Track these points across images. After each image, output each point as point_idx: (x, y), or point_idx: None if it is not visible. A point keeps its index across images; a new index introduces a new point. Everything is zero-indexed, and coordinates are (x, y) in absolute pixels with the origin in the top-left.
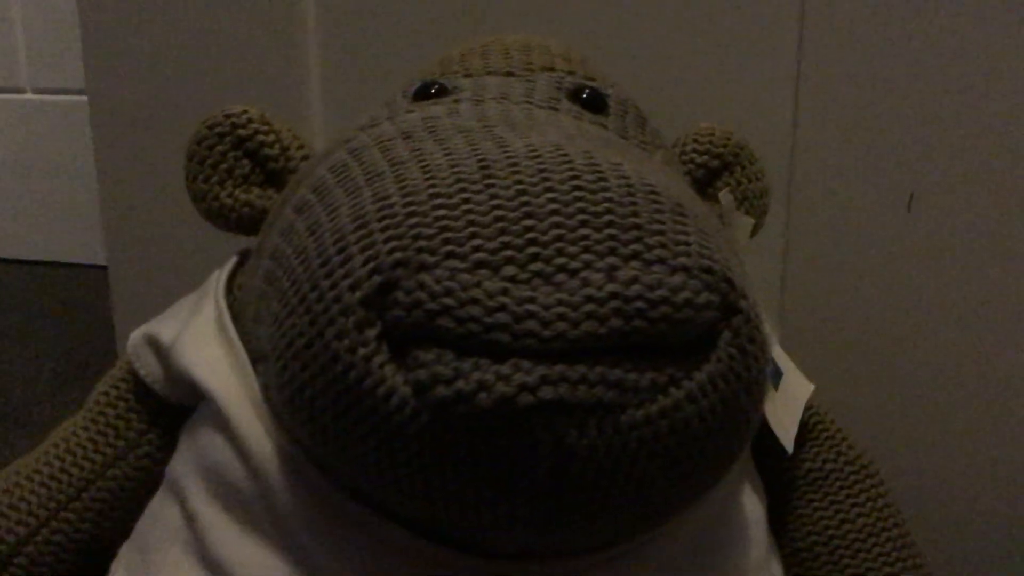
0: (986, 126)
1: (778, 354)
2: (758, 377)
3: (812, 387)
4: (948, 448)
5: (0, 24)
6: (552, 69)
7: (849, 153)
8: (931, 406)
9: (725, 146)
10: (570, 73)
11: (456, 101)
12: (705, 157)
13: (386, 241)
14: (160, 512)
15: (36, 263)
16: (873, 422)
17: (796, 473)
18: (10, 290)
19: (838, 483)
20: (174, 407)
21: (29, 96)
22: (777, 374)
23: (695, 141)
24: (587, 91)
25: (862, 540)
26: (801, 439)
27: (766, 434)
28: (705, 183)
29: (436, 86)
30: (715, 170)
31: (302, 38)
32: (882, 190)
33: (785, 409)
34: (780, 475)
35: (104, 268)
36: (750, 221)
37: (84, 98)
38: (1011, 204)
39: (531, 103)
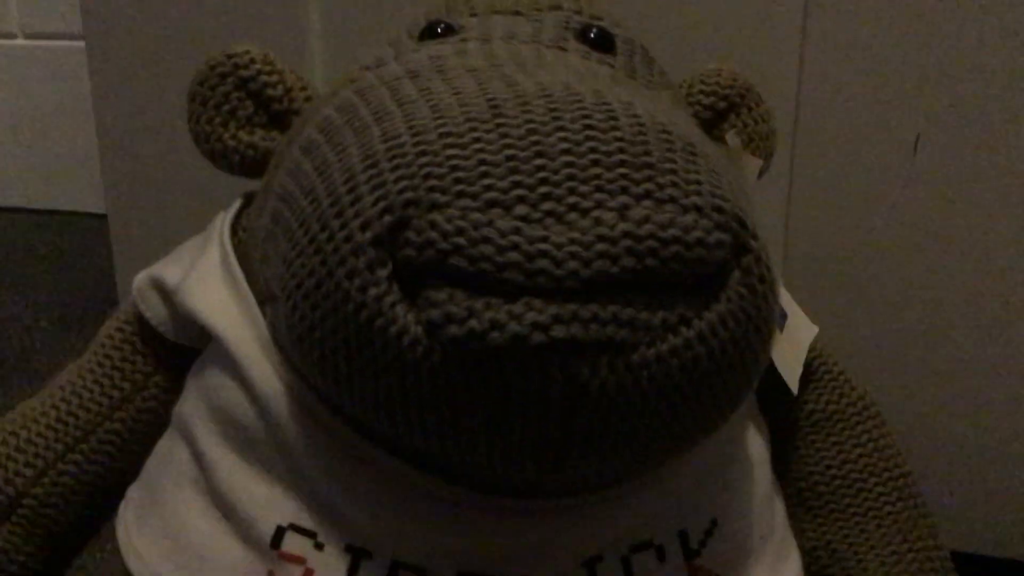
0: (991, 71)
1: (783, 297)
2: (767, 316)
3: (816, 329)
4: (951, 389)
5: None
6: (559, 8)
7: (854, 96)
8: (934, 348)
9: (731, 87)
10: (577, 12)
11: (463, 40)
12: (712, 98)
13: (396, 180)
14: (169, 453)
15: (32, 211)
16: (876, 365)
17: (799, 414)
18: (6, 238)
19: (840, 424)
20: (180, 349)
21: (20, 42)
22: (782, 316)
23: (702, 82)
24: (595, 30)
25: (863, 479)
26: (805, 381)
27: (771, 376)
28: (712, 124)
29: (442, 25)
30: (722, 111)
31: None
32: (888, 133)
33: (790, 351)
34: (784, 416)
35: (101, 216)
36: (757, 162)
37: (77, 43)
38: (1017, 148)
39: (539, 42)
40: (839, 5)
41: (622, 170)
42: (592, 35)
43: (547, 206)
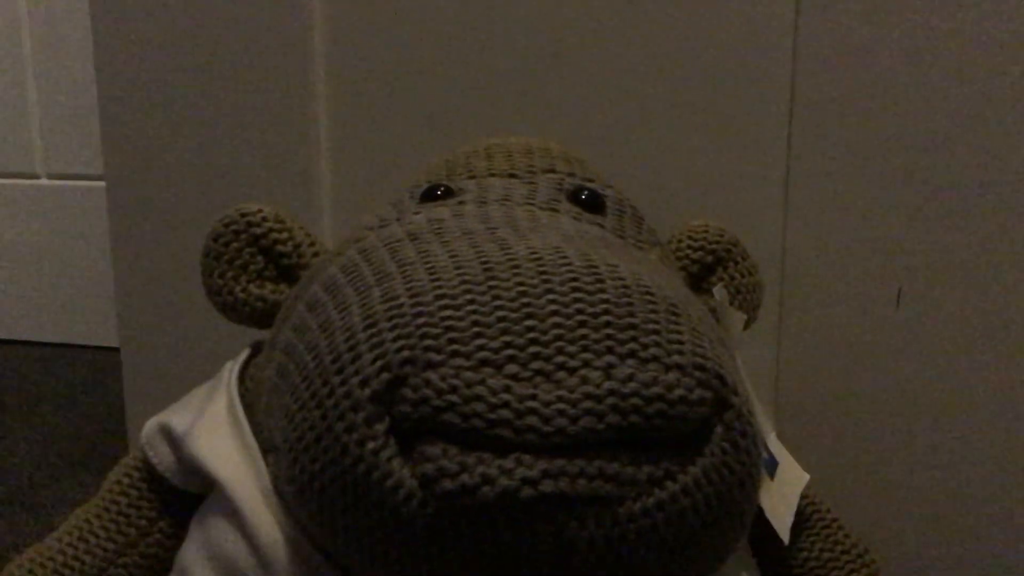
0: (972, 222)
1: (774, 444)
2: (751, 470)
3: (807, 477)
4: (942, 534)
5: (16, 110)
6: (553, 171)
7: (838, 249)
8: (924, 494)
9: (718, 242)
10: (570, 175)
11: (461, 203)
12: (699, 253)
13: (395, 340)
14: None
15: (44, 344)
16: (869, 512)
17: (793, 563)
18: (19, 372)
19: (835, 571)
20: (185, 495)
21: (44, 182)
22: (773, 464)
23: (689, 238)
24: (586, 192)
25: None
26: (797, 528)
27: (763, 523)
28: (699, 278)
29: (442, 188)
30: (709, 265)
31: (314, 135)
32: (871, 285)
33: (781, 499)
34: (778, 564)
35: (112, 349)
36: (743, 316)
37: (97, 184)
38: (996, 299)
39: (533, 204)
40: (822, 158)
41: (608, 331)
42: (583, 197)
43: (536, 365)
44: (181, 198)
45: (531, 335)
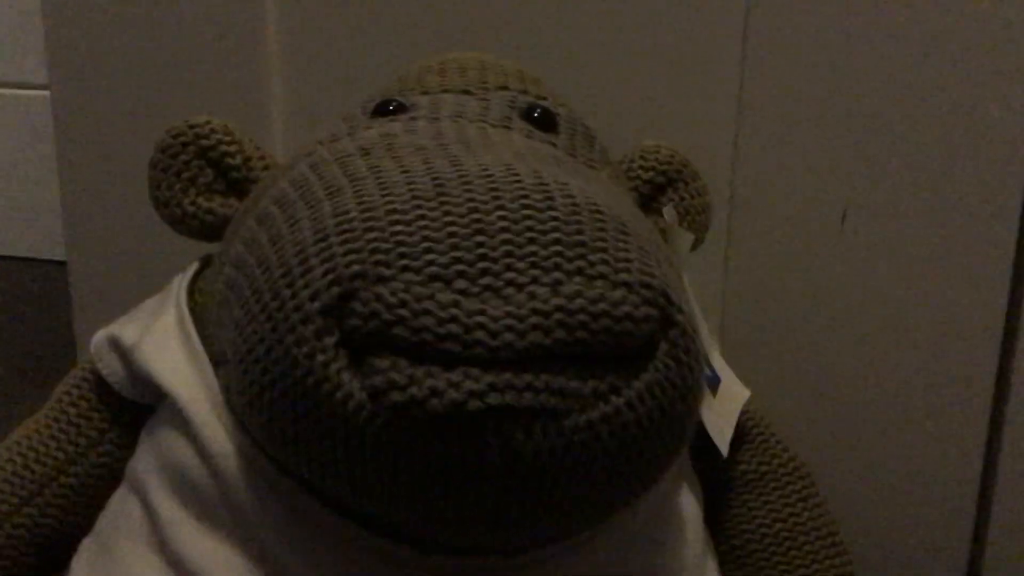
0: (913, 145)
1: (717, 361)
2: (694, 385)
3: (748, 393)
4: (878, 452)
5: None
6: (506, 88)
7: (786, 171)
8: (862, 412)
9: (669, 163)
10: (523, 92)
11: (413, 119)
12: (651, 173)
13: (345, 254)
14: (121, 508)
15: None
16: (807, 427)
17: (732, 474)
18: None
19: (772, 484)
20: (135, 406)
21: None
22: (716, 380)
23: (641, 158)
24: (539, 110)
25: (792, 538)
26: (737, 442)
27: (704, 437)
28: (650, 198)
29: (394, 103)
30: (659, 186)
31: (263, 46)
32: (817, 206)
33: (722, 414)
34: (716, 476)
35: (60, 263)
36: (691, 236)
37: (42, 93)
38: (937, 217)
39: (485, 121)
40: (772, 85)
41: (556, 248)
42: (536, 115)
43: (485, 281)
44: (129, 108)
45: (480, 251)
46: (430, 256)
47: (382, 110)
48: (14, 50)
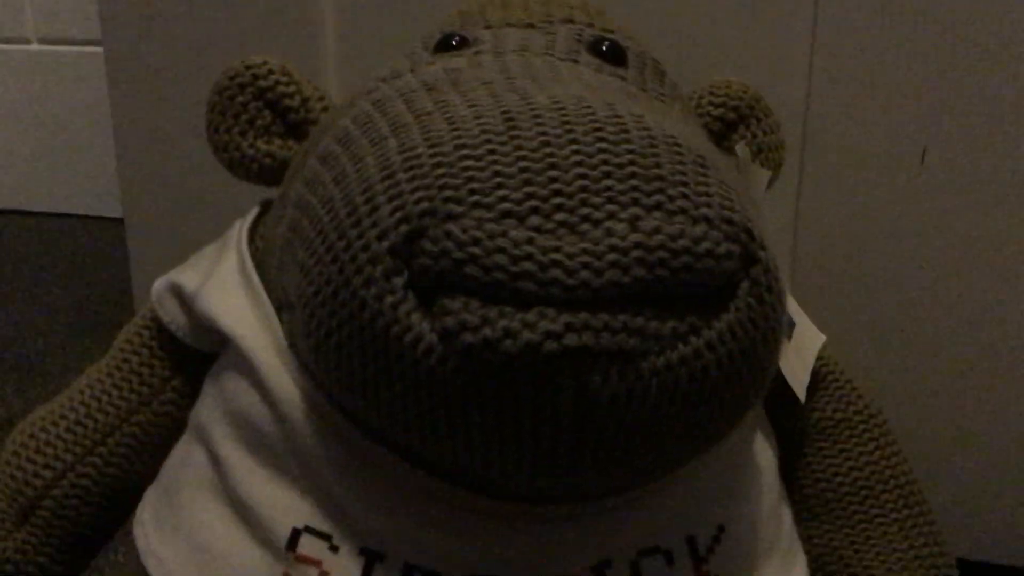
0: (998, 81)
1: (791, 305)
2: (775, 326)
3: (824, 338)
4: (956, 398)
5: None
6: (571, 21)
7: (862, 107)
8: (940, 357)
9: (741, 99)
10: (589, 25)
11: (477, 53)
12: (721, 110)
13: (413, 191)
14: (186, 456)
15: (46, 214)
16: (883, 374)
17: (807, 422)
18: (21, 241)
19: (847, 432)
20: (198, 354)
21: (35, 47)
22: (790, 325)
23: (711, 94)
24: (607, 43)
25: (869, 487)
26: (812, 389)
27: (779, 384)
28: (721, 136)
29: (457, 38)
30: (731, 123)
31: None
32: (895, 143)
33: (797, 359)
34: (791, 424)
35: (116, 220)
36: (766, 173)
37: (91, 49)
38: (1019, 160)
39: (551, 55)
40: (848, 19)
41: (633, 182)
42: (604, 48)
43: (560, 217)
44: (182, 60)
45: (554, 186)
46: (502, 192)
47: (444, 45)
48: (63, 6)
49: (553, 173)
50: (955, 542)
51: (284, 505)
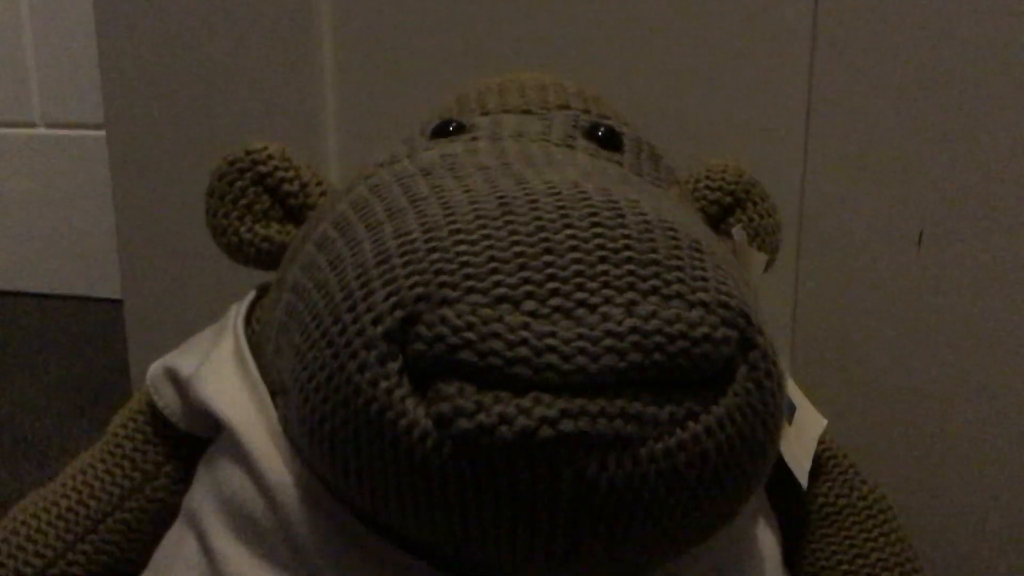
0: (992, 164)
1: (791, 389)
2: (775, 411)
3: (825, 422)
4: (961, 482)
5: (13, 59)
6: (567, 107)
7: (859, 190)
8: (943, 441)
9: (737, 183)
10: (585, 111)
11: (474, 139)
12: (718, 194)
13: (408, 276)
14: (177, 543)
15: (46, 296)
16: (886, 457)
17: (810, 508)
18: (21, 323)
19: (851, 518)
20: (192, 439)
21: (41, 131)
22: (791, 408)
23: (707, 178)
24: (602, 128)
25: (875, 574)
26: (814, 474)
27: (780, 469)
28: (718, 219)
29: (454, 124)
30: (727, 207)
31: (319, 74)
32: (892, 226)
33: (799, 443)
34: (794, 510)
35: (114, 301)
36: (763, 257)
37: (96, 132)
38: (1017, 239)
39: (548, 140)
40: (842, 101)
41: (629, 267)
42: (600, 133)
43: (555, 302)
44: (182, 144)
45: (550, 271)
46: (497, 277)
47: (442, 131)
48: (68, 90)
49: (548, 258)
50: None
51: None
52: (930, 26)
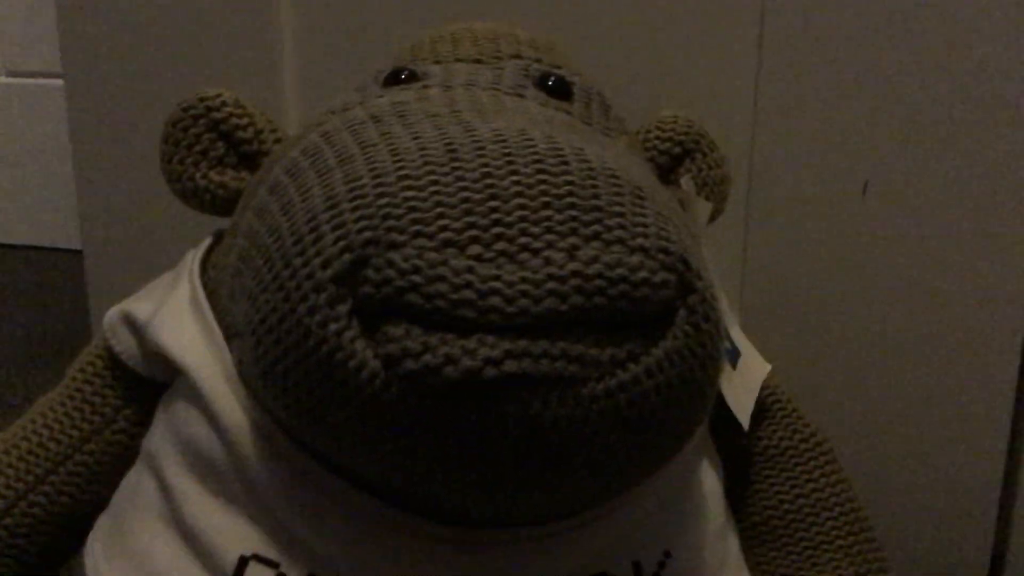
0: (937, 115)
1: (737, 335)
2: (713, 353)
3: (769, 367)
4: (901, 426)
5: None
6: (519, 56)
7: (806, 141)
8: (884, 386)
9: (687, 134)
10: (537, 60)
11: (425, 87)
12: (667, 144)
13: (357, 220)
14: (137, 484)
15: (7, 246)
16: (828, 402)
17: (753, 449)
18: None
19: (793, 459)
20: (149, 383)
21: (2, 79)
22: (735, 354)
23: (658, 128)
24: (553, 78)
25: (815, 513)
26: (758, 417)
27: (724, 412)
28: (667, 169)
29: (406, 72)
30: (677, 157)
31: (276, 22)
32: (838, 177)
33: (742, 388)
34: (738, 452)
35: (75, 251)
36: (709, 206)
37: (56, 82)
38: (960, 189)
39: (498, 89)
40: (792, 53)
41: (572, 212)
42: (550, 83)
43: (499, 246)
44: (141, 94)
45: (495, 216)
46: (443, 221)
47: (394, 79)
48: (27, 40)
49: (493, 203)
50: (900, 568)
51: (231, 532)
52: None
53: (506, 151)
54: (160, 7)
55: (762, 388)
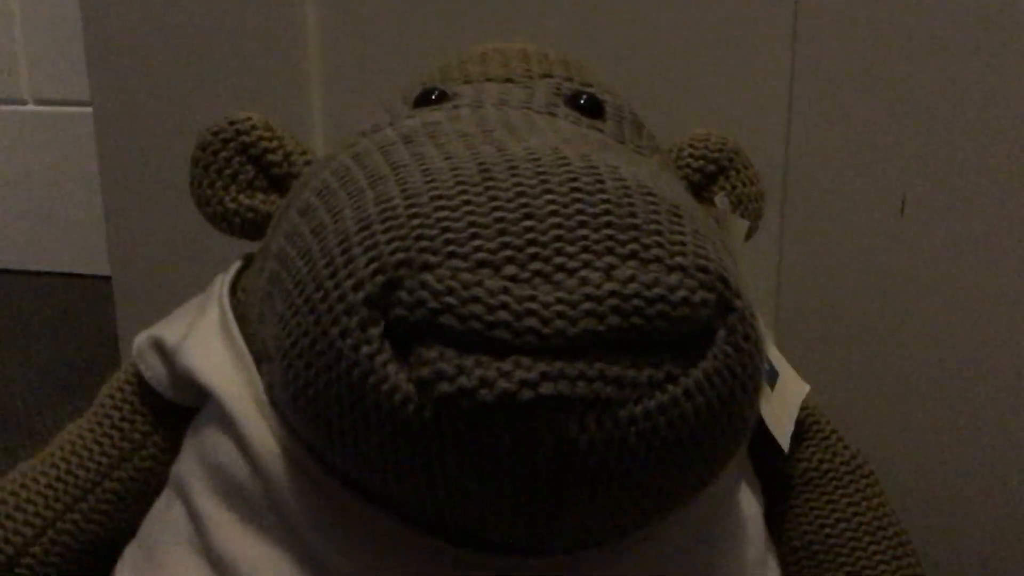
0: (977, 130)
1: (774, 355)
2: (754, 374)
3: (807, 387)
4: (942, 448)
5: (1, 37)
6: (550, 75)
7: (842, 157)
8: (925, 406)
9: (720, 151)
10: (568, 79)
11: (456, 107)
12: (701, 162)
13: (389, 242)
14: (165, 512)
15: (37, 273)
16: (868, 423)
17: (792, 473)
18: (10, 300)
19: (834, 483)
20: (179, 409)
21: (30, 107)
22: (773, 375)
23: (691, 146)
24: (584, 96)
25: (858, 539)
26: (797, 439)
27: (763, 434)
28: (701, 187)
29: (436, 92)
30: (710, 174)
31: (303, 46)
32: (875, 193)
33: (781, 409)
34: (777, 475)
35: (104, 278)
36: (745, 224)
37: (85, 109)
38: (1001, 206)
39: (530, 108)
40: (826, 69)
41: (608, 231)
42: (582, 101)
43: (535, 266)
44: (169, 119)
45: (529, 236)
46: (477, 242)
47: (424, 99)
48: (55, 68)
49: (528, 223)
50: None
51: (262, 560)
52: None
53: (540, 170)
54: (187, 34)
55: (801, 409)
